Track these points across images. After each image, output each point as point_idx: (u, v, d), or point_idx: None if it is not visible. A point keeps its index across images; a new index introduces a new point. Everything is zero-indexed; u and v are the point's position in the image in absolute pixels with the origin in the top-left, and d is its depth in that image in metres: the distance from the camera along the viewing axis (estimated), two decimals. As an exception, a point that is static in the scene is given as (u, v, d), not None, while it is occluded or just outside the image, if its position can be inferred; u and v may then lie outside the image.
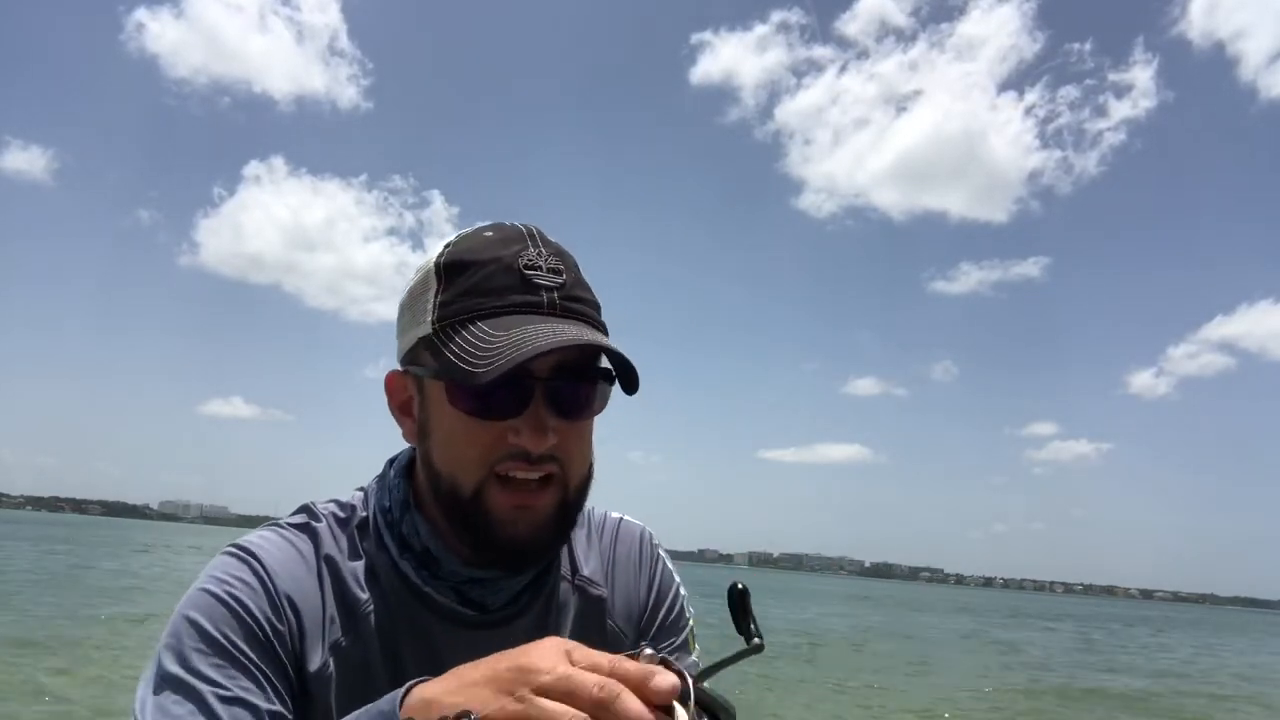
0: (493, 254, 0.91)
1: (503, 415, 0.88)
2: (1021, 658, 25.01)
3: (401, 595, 0.94)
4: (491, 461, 0.88)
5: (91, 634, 14.56)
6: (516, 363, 0.83)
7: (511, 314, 0.88)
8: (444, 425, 0.91)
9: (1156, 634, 49.04)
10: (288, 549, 0.92)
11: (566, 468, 0.91)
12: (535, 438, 0.87)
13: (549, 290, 0.90)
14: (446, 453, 0.91)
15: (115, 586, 24.70)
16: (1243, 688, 21.24)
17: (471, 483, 0.89)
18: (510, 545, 0.90)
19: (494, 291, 0.89)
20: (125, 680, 10.85)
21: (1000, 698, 15.97)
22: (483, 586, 0.95)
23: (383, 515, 0.97)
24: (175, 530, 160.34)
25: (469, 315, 0.89)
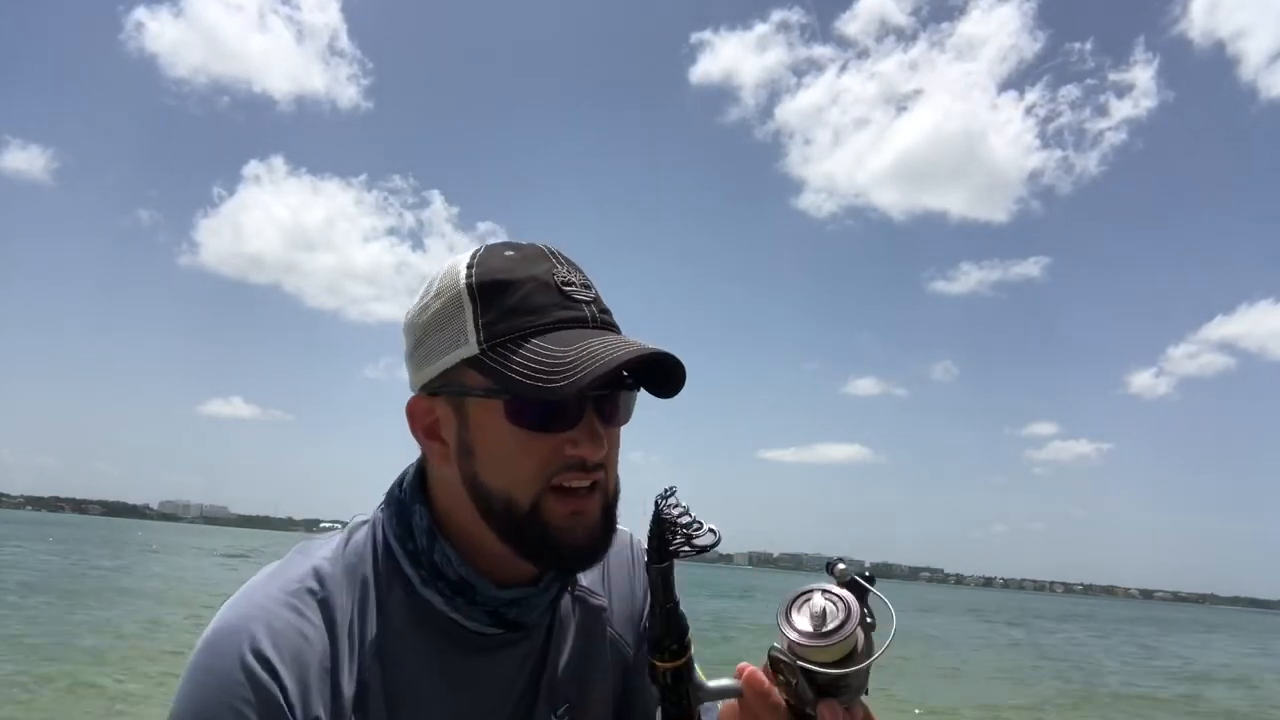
0: (526, 273, 0.92)
1: (565, 427, 0.90)
2: (1118, 674, 23.60)
3: (413, 619, 0.94)
4: (549, 474, 0.90)
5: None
6: (602, 373, 0.85)
7: (562, 329, 0.90)
8: (497, 443, 0.91)
9: (1208, 633, 48.08)
10: (294, 630, 0.87)
11: (608, 474, 0.95)
12: (593, 447, 0.90)
13: (587, 304, 0.93)
14: (501, 469, 0.91)
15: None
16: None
17: (529, 496, 0.90)
18: (570, 551, 0.92)
19: (539, 309, 0.91)
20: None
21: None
22: (519, 606, 0.96)
23: (399, 545, 0.96)
24: (176, 530, 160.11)
25: (520, 333, 0.89)
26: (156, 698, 10.14)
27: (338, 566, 0.93)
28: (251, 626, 0.86)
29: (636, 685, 1.09)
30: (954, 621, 45.01)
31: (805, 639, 0.78)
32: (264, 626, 0.86)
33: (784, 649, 0.80)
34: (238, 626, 0.86)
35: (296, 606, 0.89)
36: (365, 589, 0.93)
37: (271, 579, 0.92)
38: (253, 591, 0.90)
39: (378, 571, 0.95)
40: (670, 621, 0.84)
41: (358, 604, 0.92)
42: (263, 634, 0.85)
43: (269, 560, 0.95)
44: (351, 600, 0.92)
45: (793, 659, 0.79)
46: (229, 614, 0.88)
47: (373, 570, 0.95)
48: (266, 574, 0.93)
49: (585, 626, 1.06)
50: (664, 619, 0.84)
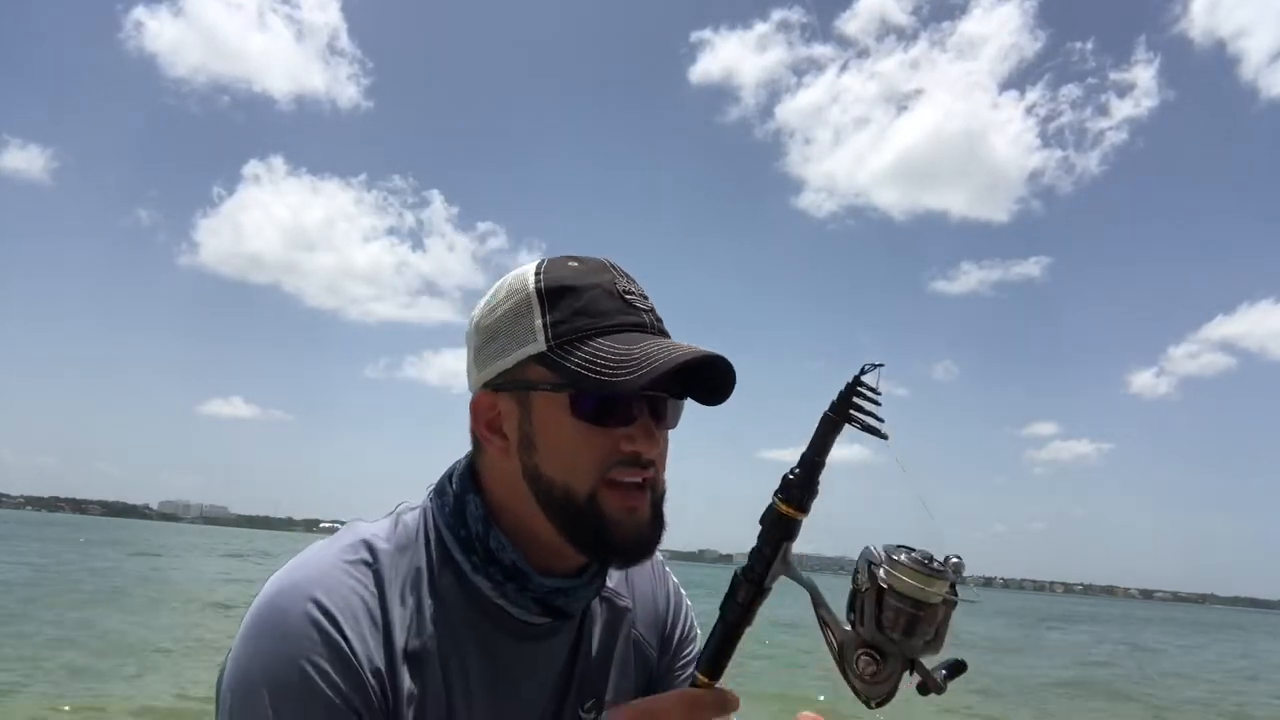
0: (591, 280, 0.99)
1: (624, 422, 0.96)
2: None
3: (463, 605, 0.98)
4: (606, 466, 0.96)
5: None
6: (666, 369, 0.91)
7: (624, 331, 0.97)
8: (560, 435, 0.96)
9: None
10: (350, 589, 0.92)
11: (658, 474, 1.00)
12: (649, 443, 0.96)
13: (646, 312, 1.00)
14: (561, 461, 0.97)
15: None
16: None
17: (586, 487, 0.95)
18: (623, 543, 0.97)
19: (603, 313, 0.97)
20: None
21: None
22: (567, 595, 1.01)
23: (451, 532, 1.00)
24: (177, 530, 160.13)
25: (585, 333, 0.96)
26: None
27: (390, 543, 0.98)
28: (311, 585, 0.90)
29: (659, 689, 1.14)
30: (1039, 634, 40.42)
31: (921, 574, 0.77)
32: (323, 586, 0.90)
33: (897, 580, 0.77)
34: (299, 584, 0.90)
35: (351, 572, 0.93)
36: (416, 568, 0.98)
37: (325, 548, 0.96)
38: (308, 559, 0.95)
39: (429, 555, 0.99)
40: (810, 472, 0.86)
41: (409, 580, 0.96)
42: (322, 592, 0.90)
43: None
44: (402, 576, 0.96)
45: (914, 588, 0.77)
46: (288, 576, 0.92)
47: (424, 553, 0.99)
48: (319, 545, 0.97)
49: (611, 626, 1.11)
50: (807, 468, 0.86)
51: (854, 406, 0.83)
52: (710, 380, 1.00)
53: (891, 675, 0.80)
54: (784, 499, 0.86)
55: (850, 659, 0.81)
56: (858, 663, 0.80)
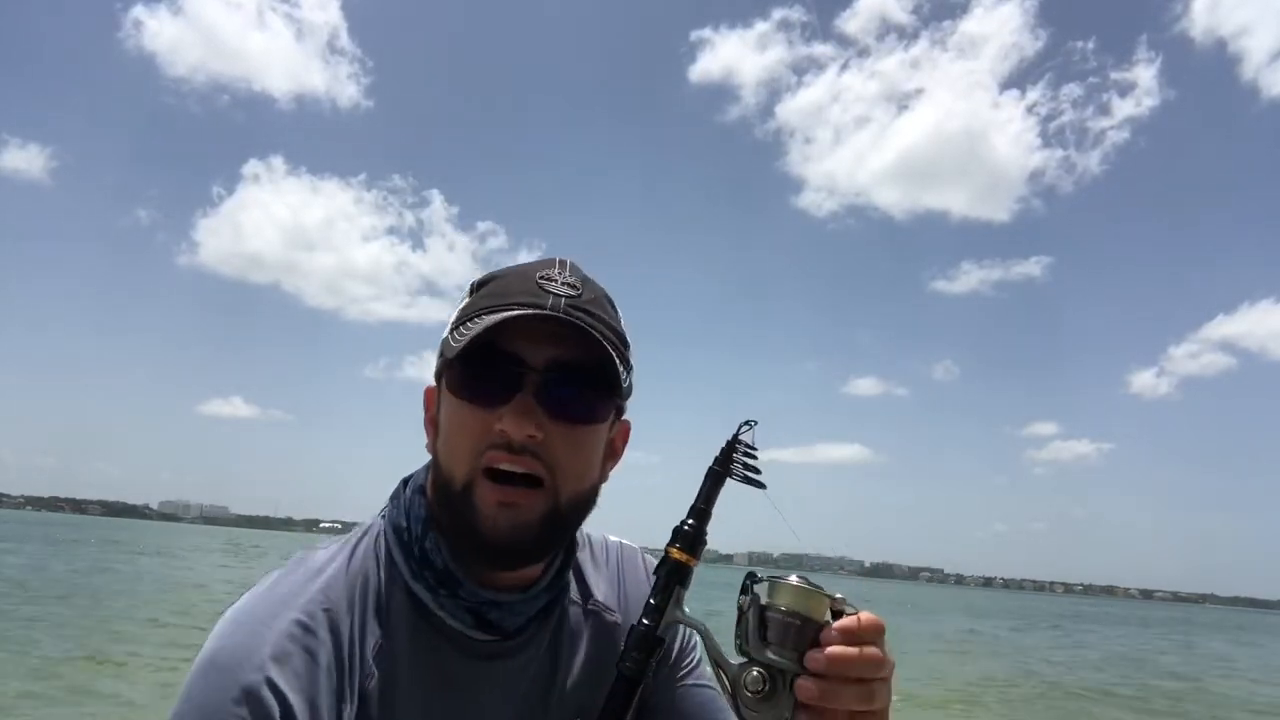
0: (518, 270, 0.97)
1: (489, 400, 0.90)
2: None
3: (414, 624, 0.94)
4: (479, 450, 0.89)
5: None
6: (482, 328, 0.87)
7: (512, 310, 0.90)
8: (446, 418, 0.94)
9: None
10: (290, 644, 0.85)
11: (556, 474, 0.91)
12: (516, 422, 0.88)
13: (558, 296, 0.92)
14: (446, 445, 0.93)
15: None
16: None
17: (463, 473, 0.90)
18: (490, 542, 0.90)
19: (503, 294, 0.93)
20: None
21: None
22: (500, 609, 0.95)
23: (396, 534, 0.97)
24: (178, 530, 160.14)
25: (475, 314, 0.92)
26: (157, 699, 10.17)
27: (341, 577, 0.92)
28: (258, 649, 0.83)
29: (657, 704, 1.08)
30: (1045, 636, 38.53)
31: (809, 588, 0.81)
32: (271, 648, 0.84)
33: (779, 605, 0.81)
34: (244, 648, 0.84)
35: (304, 623, 0.87)
36: (367, 597, 0.93)
37: (274, 591, 0.90)
38: (255, 607, 0.88)
39: (379, 580, 0.94)
40: (700, 519, 0.88)
41: (360, 614, 0.91)
42: (269, 657, 0.83)
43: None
44: (354, 612, 0.91)
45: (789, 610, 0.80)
46: (234, 633, 0.85)
47: (376, 576, 0.94)
48: (268, 585, 0.91)
49: (598, 642, 1.05)
50: (698, 516, 0.88)
51: (734, 461, 0.88)
52: (590, 366, 0.91)
53: (781, 695, 0.80)
54: (679, 547, 0.87)
55: (741, 684, 0.81)
56: (747, 682, 0.80)
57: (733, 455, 0.88)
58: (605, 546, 1.15)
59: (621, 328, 0.99)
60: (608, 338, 0.93)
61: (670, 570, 0.87)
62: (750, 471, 0.88)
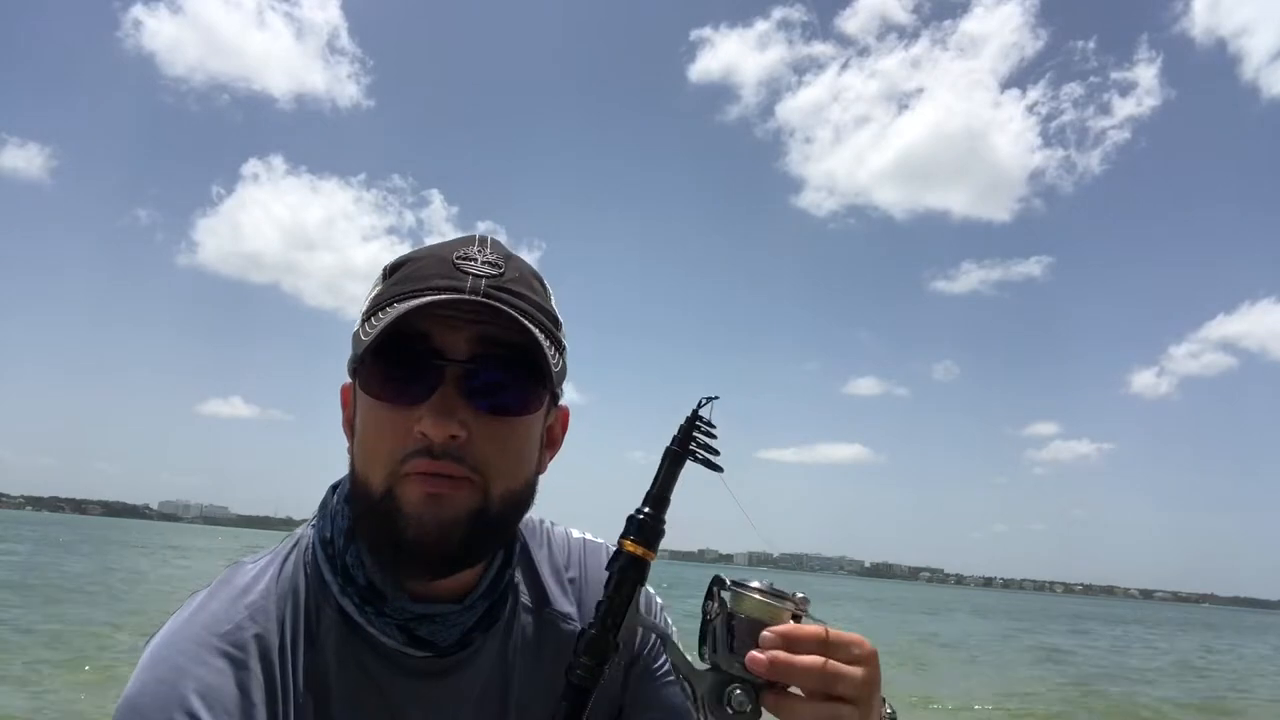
0: (431, 250, 0.88)
1: (405, 399, 0.81)
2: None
3: (347, 644, 0.87)
4: (399, 455, 0.81)
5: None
6: (391, 319, 0.79)
7: (425, 294, 0.82)
8: (361, 420, 0.86)
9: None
10: (215, 678, 0.79)
11: (486, 472, 0.83)
12: (436, 422, 0.79)
13: (477, 277, 0.84)
14: (362, 450, 0.85)
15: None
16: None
17: (381, 479, 0.82)
18: (415, 543, 0.81)
19: (417, 278, 0.84)
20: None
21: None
22: (432, 623, 0.87)
23: (323, 548, 0.89)
24: (178, 531, 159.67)
25: (387, 302, 0.84)
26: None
27: (270, 596, 0.86)
28: (180, 685, 0.77)
29: (635, 704, 1.00)
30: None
31: (769, 597, 0.76)
32: (195, 683, 0.78)
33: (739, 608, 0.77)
34: (166, 684, 0.78)
35: (229, 653, 0.81)
36: (296, 614, 0.86)
37: (198, 618, 0.83)
38: (178, 638, 0.82)
39: (309, 597, 0.88)
40: (657, 508, 0.79)
41: (290, 637, 0.85)
42: (194, 693, 0.77)
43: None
44: (285, 634, 0.85)
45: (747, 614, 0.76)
46: (156, 668, 0.79)
47: (305, 596, 0.87)
48: (193, 610, 0.85)
49: (554, 653, 0.96)
50: (655, 504, 0.79)
51: (693, 440, 0.79)
52: (517, 352, 0.83)
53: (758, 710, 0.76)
54: (634, 539, 0.77)
55: (722, 695, 0.75)
56: (731, 699, 0.75)
57: (692, 434, 0.79)
58: (566, 543, 1.05)
59: (552, 306, 0.90)
60: (535, 318, 0.85)
61: (624, 566, 0.77)
62: (708, 452, 0.79)
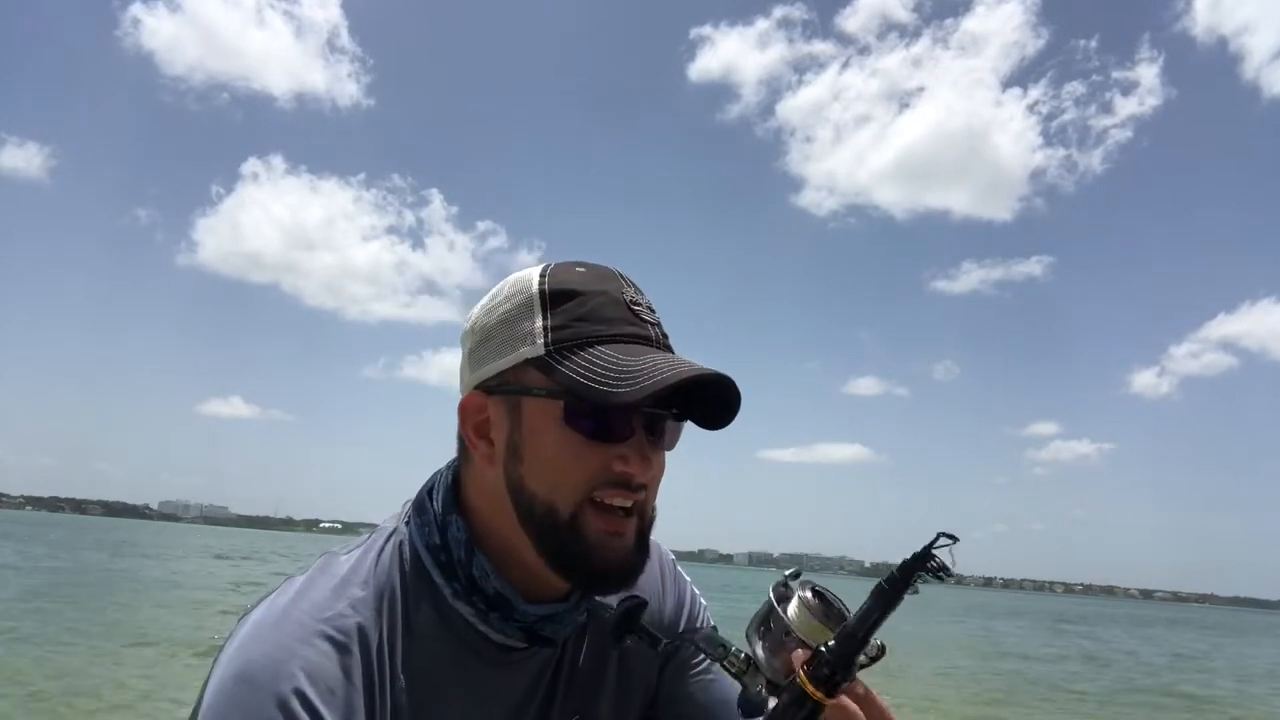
0: (597, 287, 0.94)
1: (618, 439, 0.90)
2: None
3: (442, 636, 0.93)
4: (594, 485, 0.90)
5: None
6: (670, 384, 0.86)
7: (628, 342, 0.92)
8: (549, 446, 0.91)
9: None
10: (321, 664, 0.83)
11: (649, 498, 0.95)
12: (642, 465, 0.91)
13: (653, 325, 0.95)
14: (548, 474, 0.91)
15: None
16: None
17: (570, 506, 0.90)
18: (604, 571, 0.92)
19: (607, 320, 0.92)
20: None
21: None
22: (553, 622, 0.96)
23: (431, 554, 0.95)
24: (179, 531, 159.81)
25: (587, 339, 0.91)
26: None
27: (369, 587, 0.91)
28: (290, 664, 0.82)
29: (669, 697, 1.11)
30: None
31: (819, 618, 0.81)
32: (302, 662, 0.82)
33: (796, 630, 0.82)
34: (276, 662, 0.82)
35: (333, 637, 0.86)
36: (394, 609, 0.92)
37: (301, 601, 0.88)
38: (282, 618, 0.86)
39: (405, 589, 0.93)
40: (848, 651, 0.81)
41: (388, 626, 0.91)
42: (302, 673, 0.82)
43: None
44: (383, 623, 0.90)
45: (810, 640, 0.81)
46: (263, 646, 0.83)
47: (401, 588, 0.93)
48: (294, 593, 0.89)
49: (599, 638, 1.05)
50: (846, 644, 0.81)
51: (914, 579, 0.80)
52: (713, 402, 0.95)
53: (752, 684, 0.87)
54: (811, 679, 0.82)
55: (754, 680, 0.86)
56: (729, 659, 0.89)
57: (912, 577, 0.80)
58: None
59: None
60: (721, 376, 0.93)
61: (804, 711, 0.82)
62: (936, 577, 0.79)
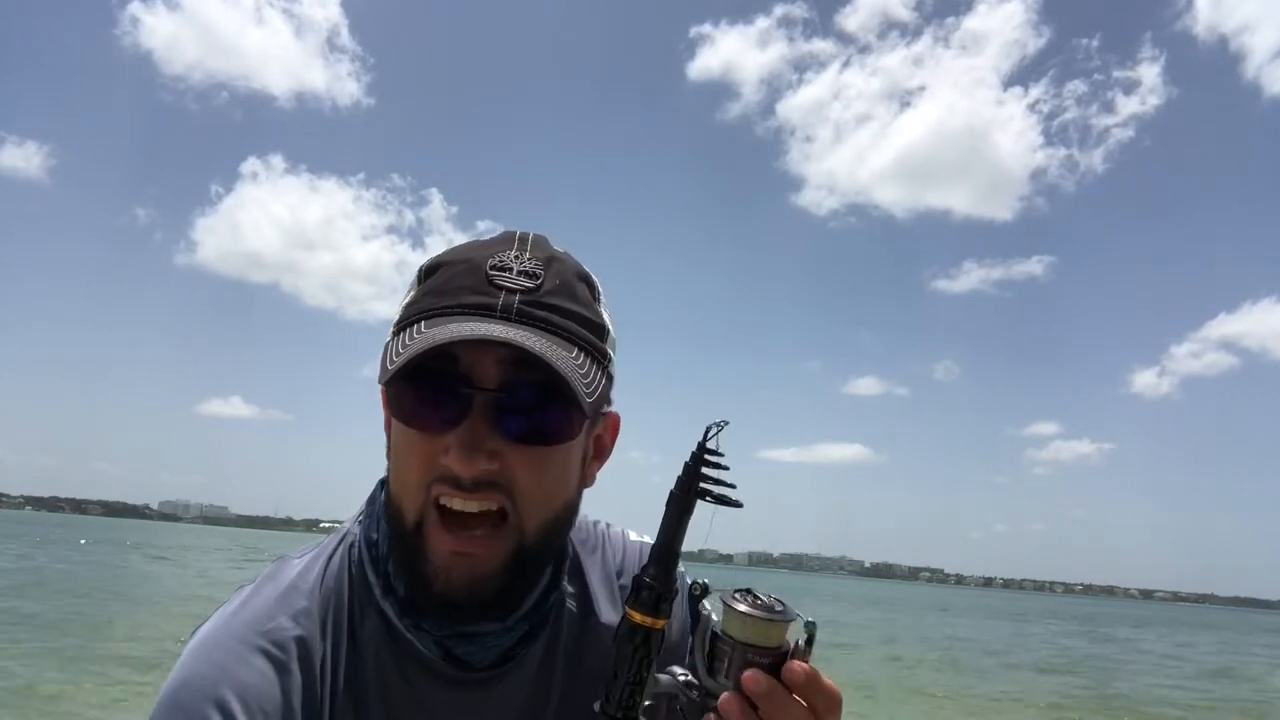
0: (467, 255, 0.82)
1: (431, 427, 0.77)
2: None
3: (389, 651, 0.84)
4: (426, 481, 0.78)
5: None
6: (408, 357, 0.73)
7: (456, 314, 0.78)
8: (394, 439, 0.82)
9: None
10: (259, 679, 0.78)
11: (521, 504, 0.78)
12: (464, 458, 0.75)
13: (511, 292, 0.79)
14: (394, 471, 0.82)
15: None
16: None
17: (413, 508, 0.79)
18: (443, 597, 0.78)
19: (450, 292, 0.80)
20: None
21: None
22: (469, 642, 0.83)
23: (368, 549, 0.86)
24: (177, 530, 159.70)
25: (418, 317, 0.80)
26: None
27: (314, 595, 0.84)
28: (219, 684, 0.76)
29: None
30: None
31: (763, 613, 0.70)
32: (234, 682, 0.76)
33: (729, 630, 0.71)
34: (206, 681, 0.76)
35: (270, 653, 0.79)
36: (340, 621, 0.84)
37: (241, 615, 0.82)
38: (220, 634, 0.80)
39: (353, 599, 0.85)
40: (665, 568, 0.68)
41: (332, 639, 0.83)
42: (232, 693, 0.76)
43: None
44: (327, 636, 0.83)
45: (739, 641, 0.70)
46: (196, 664, 0.78)
47: (348, 597, 0.85)
48: (236, 606, 0.83)
49: (598, 664, 0.88)
50: (661, 562, 0.68)
51: (705, 479, 0.68)
52: (547, 386, 0.76)
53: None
54: (640, 608, 0.68)
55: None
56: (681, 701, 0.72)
57: (699, 473, 0.68)
58: (623, 547, 1.01)
59: (598, 311, 0.85)
60: (572, 335, 0.80)
61: (627, 640, 0.68)
62: (723, 486, 0.68)
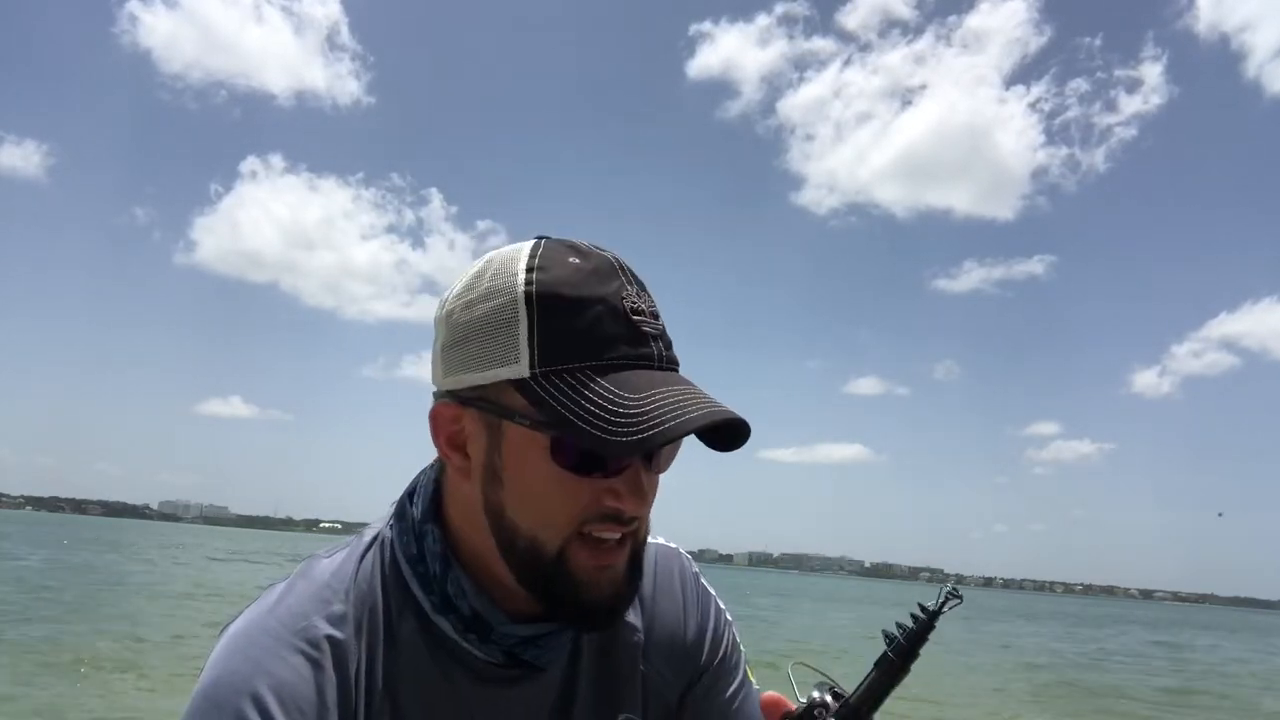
0: (594, 291, 0.82)
1: (611, 473, 0.82)
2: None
3: (426, 651, 0.87)
4: (582, 520, 0.82)
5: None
6: (674, 436, 0.78)
7: (627, 367, 0.81)
8: (534, 479, 0.82)
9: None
10: (295, 675, 0.79)
11: (641, 524, 0.87)
12: (635, 500, 0.83)
13: (655, 340, 0.84)
14: (532, 508, 0.83)
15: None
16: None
17: (557, 542, 0.82)
18: (594, 606, 0.84)
19: (604, 341, 0.81)
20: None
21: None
22: (536, 647, 0.88)
23: (410, 567, 0.88)
24: (176, 530, 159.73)
25: (579, 366, 0.80)
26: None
27: (349, 597, 0.86)
28: (255, 680, 0.78)
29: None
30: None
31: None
32: (269, 679, 0.78)
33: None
34: (241, 677, 0.78)
35: (305, 651, 0.81)
36: (375, 621, 0.86)
37: (276, 612, 0.83)
38: (255, 631, 0.82)
39: (388, 599, 0.87)
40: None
41: (368, 639, 0.85)
42: (268, 689, 0.77)
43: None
44: (362, 635, 0.85)
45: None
46: (231, 660, 0.80)
47: (382, 598, 0.87)
48: (271, 603, 0.85)
49: (615, 661, 0.96)
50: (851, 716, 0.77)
51: (917, 649, 0.76)
52: (721, 430, 0.84)
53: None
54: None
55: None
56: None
57: (924, 639, 0.76)
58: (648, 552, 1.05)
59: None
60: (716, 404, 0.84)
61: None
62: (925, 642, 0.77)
